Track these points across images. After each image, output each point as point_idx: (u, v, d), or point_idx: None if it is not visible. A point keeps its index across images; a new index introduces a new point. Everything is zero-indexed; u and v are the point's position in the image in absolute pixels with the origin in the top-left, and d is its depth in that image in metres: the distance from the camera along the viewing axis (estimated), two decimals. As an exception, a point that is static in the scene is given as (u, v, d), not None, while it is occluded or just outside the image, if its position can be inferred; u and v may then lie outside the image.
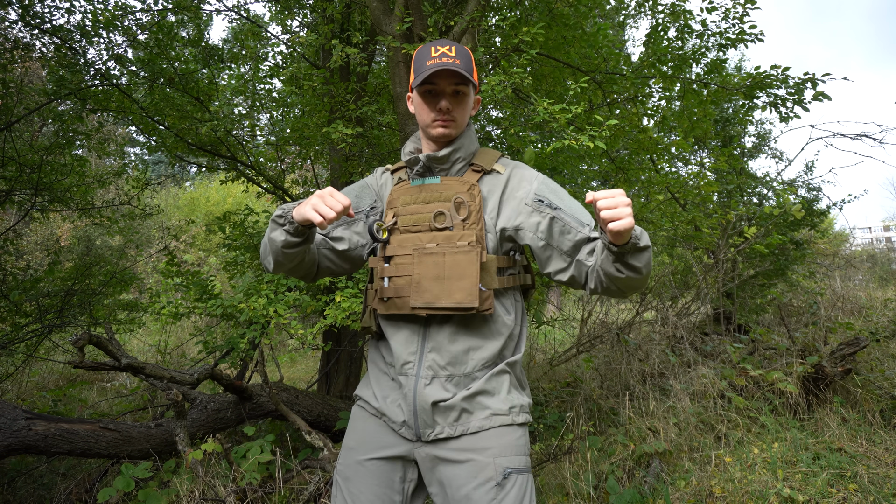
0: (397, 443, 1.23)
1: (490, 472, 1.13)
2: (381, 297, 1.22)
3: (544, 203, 1.22)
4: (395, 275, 1.21)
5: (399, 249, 1.22)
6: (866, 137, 3.85)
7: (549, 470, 2.85)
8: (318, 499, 2.47)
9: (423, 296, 1.16)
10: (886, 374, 3.54)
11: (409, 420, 1.19)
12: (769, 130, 10.14)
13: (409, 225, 1.23)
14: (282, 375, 4.06)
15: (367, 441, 1.25)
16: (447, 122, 1.23)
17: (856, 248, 16.78)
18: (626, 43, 8.97)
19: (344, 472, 1.25)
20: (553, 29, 3.92)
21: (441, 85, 1.20)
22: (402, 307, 1.19)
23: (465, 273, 1.15)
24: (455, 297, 1.14)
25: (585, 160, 5.25)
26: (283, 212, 1.13)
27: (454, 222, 1.20)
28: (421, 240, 1.21)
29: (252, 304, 2.79)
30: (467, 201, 1.20)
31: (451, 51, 1.19)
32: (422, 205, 1.23)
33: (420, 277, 1.17)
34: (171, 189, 17.24)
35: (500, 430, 1.18)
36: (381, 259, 1.25)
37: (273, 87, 5.27)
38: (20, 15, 3.71)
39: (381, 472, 1.21)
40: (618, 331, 4.69)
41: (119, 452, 2.67)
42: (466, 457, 1.15)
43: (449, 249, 1.17)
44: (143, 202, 5.48)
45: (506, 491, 1.12)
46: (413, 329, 1.21)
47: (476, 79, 1.27)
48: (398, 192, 1.28)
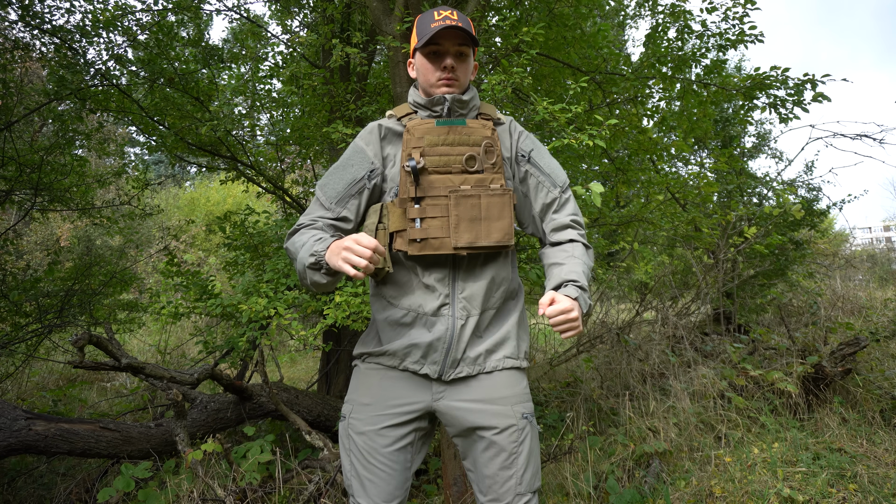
0: (415, 395, 1.27)
1: (511, 418, 1.25)
2: (413, 238, 1.22)
3: (525, 157, 1.35)
4: (428, 216, 1.22)
5: (431, 190, 1.23)
6: (866, 137, 3.85)
7: (549, 470, 2.85)
8: (318, 499, 2.47)
9: (464, 236, 1.21)
10: (886, 374, 3.54)
11: (438, 357, 1.24)
12: (769, 131, 10.15)
13: (439, 166, 1.25)
14: (282, 375, 4.06)
15: (385, 397, 1.28)
16: (451, 81, 1.28)
17: (856, 248, 16.78)
18: (626, 43, 8.97)
19: (358, 426, 1.28)
20: (553, 29, 3.92)
21: (445, 45, 1.26)
22: (439, 248, 1.21)
23: (501, 214, 1.23)
24: (494, 236, 1.22)
25: (585, 160, 5.25)
26: (317, 258, 1.15)
27: (484, 165, 1.26)
28: (453, 181, 1.24)
29: (252, 304, 2.79)
30: (494, 146, 1.28)
31: (453, 14, 1.25)
32: (450, 146, 1.26)
33: (459, 219, 1.21)
34: (171, 189, 17.24)
35: (511, 375, 1.30)
36: (409, 200, 1.23)
37: (273, 87, 5.27)
38: (20, 15, 3.71)
39: (397, 428, 1.26)
40: (618, 331, 4.69)
41: (119, 452, 2.67)
42: (487, 407, 1.25)
43: (484, 192, 1.23)
44: (143, 202, 5.48)
45: (525, 433, 1.27)
46: (442, 273, 1.25)
47: (477, 42, 1.33)
48: (421, 131, 1.27)
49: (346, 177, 1.29)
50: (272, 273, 3.08)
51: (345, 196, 1.29)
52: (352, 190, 1.29)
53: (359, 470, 1.26)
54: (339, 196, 1.29)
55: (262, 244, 3.74)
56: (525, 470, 1.25)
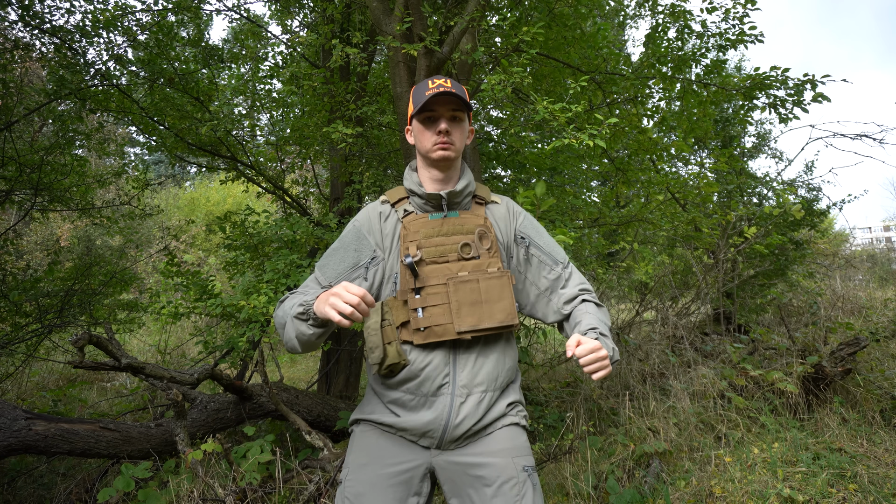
0: (414, 454, 1.27)
1: (512, 471, 1.24)
2: (417, 327, 1.25)
3: (525, 240, 1.39)
4: (429, 304, 1.25)
5: (429, 280, 1.27)
6: (866, 137, 3.85)
7: (549, 470, 2.85)
8: (318, 499, 2.47)
9: (467, 320, 1.24)
10: (886, 374, 3.54)
11: (436, 434, 1.25)
12: (769, 131, 10.15)
13: (436, 256, 1.29)
14: (282, 375, 4.06)
15: (382, 455, 1.28)
16: (446, 145, 1.31)
17: (856, 248, 16.78)
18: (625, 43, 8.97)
19: (356, 488, 1.25)
20: (553, 29, 3.92)
21: (440, 111, 1.31)
22: (442, 334, 1.24)
23: (501, 295, 1.26)
24: (497, 317, 1.25)
25: (585, 160, 5.25)
26: (305, 309, 1.17)
27: (480, 251, 1.30)
28: (451, 269, 1.28)
29: (252, 302, 2.79)
30: (488, 232, 1.33)
31: (446, 82, 1.30)
32: (445, 237, 1.31)
33: (459, 304, 1.24)
34: (171, 189, 17.24)
35: (510, 431, 1.30)
36: (409, 291, 1.27)
37: (273, 87, 5.27)
38: (20, 15, 3.71)
39: (397, 485, 1.25)
40: (618, 331, 4.68)
41: (119, 452, 2.67)
42: (486, 460, 1.25)
43: (482, 276, 1.27)
44: (143, 202, 5.48)
45: (526, 486, 1.25)
46: (443, 353, 1.27)
47: (471, 108, 1.38)
48: (416, 225, 1.32)
49: (348, 260, 1.33)
50: (272, 273, 3.08)
51: (343, 278, 1.31)
52: (353, 274, 1.32)
53: None
54: (337, 276, 1.32)
55: (262, 244, 3.74)
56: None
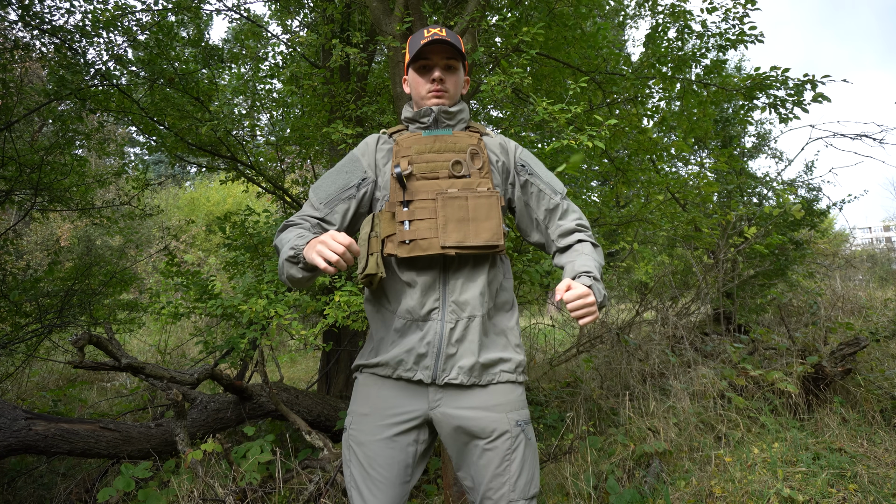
0: (412, 403, 1.29)
1: (505, 425, 1.26)
2: (402, 240, 1.25)
3: (525, 168, 1.40)
4: (416, 218, 1.25)
5: (419, 194, 1.27)
6: (866, 137, 3.85)
7: (549, 470, 2.85)
8: (318, 499, 2.47)
9: (452, 236, 1.23)
10: (886, 374, 3.54)
11: (429, 362, 1.26)
12: (769, 131, 10.15)
13: (426, 172, 1.30)
14: (282, 375, 4.06)
15: (383, 407, 1.30)
16: (440, 92, 1.34)
17: (856, 248, 16.78)
18: (625, 43, 8.97)
19: (358, 437, 1.29)
20: (553, 29, 3.92)
21: (434, 59, 1.34)
22: (427, 248, 1.23)
23: (489, 214, 1.26)
24: (482, 236, 1.24)
25: (585, 160, 5.25)
26: (296, 252, 1.20)
27: (471, 170, 1.31)
28: (440, 185, 1.28)
29: (252, 306, 2.79)
30: (480, 152, 1.33)
31: (441, 31, 1.33)
32: (437, 153, 1.31)
33: (446, 220, 1.24)
34: (171, 189, 17.24)
35: (507, 387, 1.30)
36: (397, 203, 1.28)
37: (273, 87, 5.27)
38: (20, 15, 3.71)
39: (397, 435, 1.28)
40: (618, 331, 4.69)
41: (119, 452, 2.67)
42: (482, 414, 1.26)
43: (471, 194, 1.26)
44: (143, 202, 5.48)
45: (519, 440, 1.27)
46: (432, 276, 1.28)
47: (465, 57, 1.40)
48: (409, 142, 1.34)
49: (339, 182, 1.36)
50: (272, 273, 3.08)
51: (334, 199, 1.35)
52: (342, 195, 1.35)
53: (358, 481, 1.27)
54: (328, 198, 1.35)
55: (262, 244, 3.74)
56: (518, 476, 1.26)
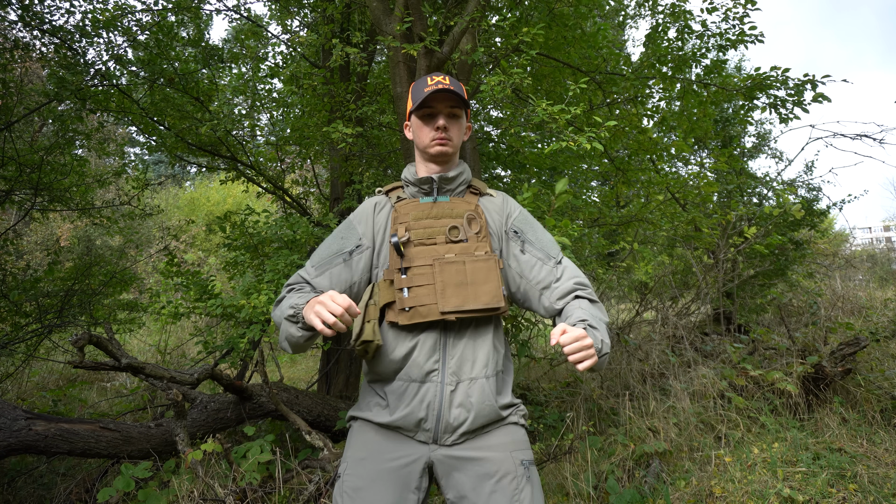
0: (412, 449, 1.26)
1: (510, 465, 1.24)
2: (402, 307, 1.25)
3: (519, 235, 1.39)
4: (414, 285, 1.26)
5: (416, 261, 1.28)
6: (866, 137, 3.85)
7: (549, 470, 2.85)
8: (318, 499, 2.47)
9: (451, 301, 1.23)
10: (886, 374, 3.54)
11: (430, 425, 1.24)
12: (769, 131, 10.15)
13: (424, 238, 1.30)
14: (282, 375, 4.06)
15: (380, 451, 1.27)
16: (444, 141, 1.34)
17: (856, 248, 16.78)
18: (625, 43, 8.97)
19: (355, 482, 1.24)
20: (553, 29, 3.92)
21: (438, 107, 1.34)
22: (427, 315, 1.23)
23: (487, 278, 1.26)
24: (482, 299, 1.24)
25: (585, 160, 5.25)
26: (295, 311, 1.20)
27: (468, 235, 1.31)
28: (438, 251, 1.29)
29: (253, 302, 2.79)
30: (477, 217, 1.34)
31: (445, 79, 1.34)
32: (434, 220, 1.32)
33: (444, 285, 1.24)
34: (171, 189, 17.24)
35: (508, 428, 1.30)
36: (395, 271, 1.28)
37: (273, 87, 5.27)
38: (20, 15, 3.71)
39: (396, 479, 1.24)
40: (618, 331, 4.68)
41: (119, 452, 2.67)
42: (484, 454, 1.24)
43: (468, 258, 1.27)
44: (143, 202, 5.48)
45: (525, 480, 1.24)
46: (433, 338, 1.27)
47: (469, 105, 1.41)
48: (407, 209, 1.35)
49: (333, 247, 1.36)
50: (272, 273, 3.08)
51: (325, 264, 1.34)
52: (334, 260, 1.34)
53: None
54: (320, 263, 1.35)
55: (262, 244, 3.74)
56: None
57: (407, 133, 1.45)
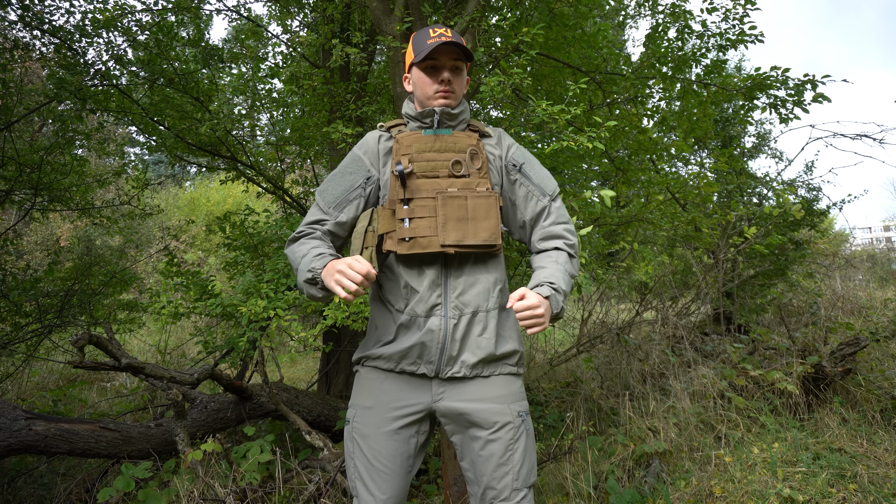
0: (415, 396, 1.32)
1: (508, 416, 1.30)
2: (402, 237, 1.27)
3: (516, 167, 1.42)
4: (416, 216, 1.28)
5: (419, 192, 1.29)
6: (866, 137, 3.85)
7: (549, 470, 2.85)
8: (318, 499, 2.47)
9: (451, 234, 1.26)
10: (886, 374, 3.54)
11: (433, 356, 1.28)
12: (769, 130, 10.14)
13: (427, 171, 1.32)
14: (282, 375, 4.06)
15: (386, 400, 1.32)
16: (447, 93, 1.36)
17: (856, 248, 16.77)
18: (625, 43, 8.97)
19: (362, 429, 1.32)
20: (553, 29, 3.91)
21: (442, 60, 1.35)
22: (427, 246, 1.26)
23: (487, 214, 1.29)
24: (481, 235, 1.27)
25: (585, 160, 5.25)
26: (314, 275, 1.23)
27: (470, 170, 1.33)
28: (440, 184, 1.31)
29: (251, 307, 2.78)
30: (479, 153, 1.35)
31: (447, 32, 1.35)
32: (437, 153, 1.34)
33: (446, 218, 1.27)
34: (171, 189, 17.24)
35: (507, 379, 1.35)
36: (397, 201, 1.29)
37: (273, 87, 5.27)
38: (20, 15, 3.71)
39: (400, 428, 1.31)
40: (618, 331, 4.69)
41: (119, 452, 2.67)
42: (485, 406, 1.30)
43: (470, 193, 1.29)
44: (143, 202, 5.48)
45: (521, 430, 1.31)
46: (435, 271, 1.30)
47: (472, 58, 1.41)
48: (409, 140, 1.36)
49: (344, 183, 1.37)
50: (272, 273, 3.08)
51: (342, 201, 1.36)
52: (350, 195, 1.36)
53: (362, 473, 1.30)
54: (336, 201, 1.36)
55: (262, 244, 3.74)
56: (521, 465, 1.30)
57: (406, 85, 1.46)
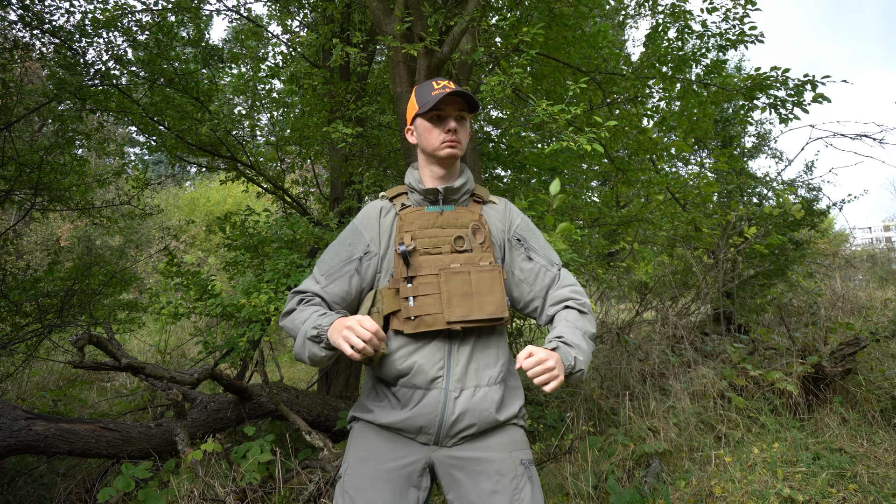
0: (412, 450, 1.28)
1: (510, 464, 1.27)
2: (407, 316, 1.26)
3: (522, 244, 1.42)
4: (420, 294, 1.27)
5: (422, 269, 1.29)
6: (866, 137, 3.85)
7: (549, 470, 2.85)
8: (318, 499, 2.47)
9: (457, 311, 1.25)
10: (886, 374, 3.54)
11: (432, 430, 1.26)
12: (769, 131, 10.15)
13: (429, 247, 1.32)
14: (282, 375, 4.06)
15: (381, 451, 1.29)
16: (454, 143, 1.35)
17: (856, 248, 16.77)
18: (625, 43, 8.97)
19: (356, 482, 1.26)
20: (553, 29, 3.92)
21: (448, 110, 1.35)
22: (432, 324, 1.25)
23: (492, 288, 1.28)
24: (487, 309, 1.26)
25: (585, 160, 5.25)
26: (319, 332, 1.20)
27: (473, 245, 1.33)
28: (443, 261, 1.30)
29: (253, 301, 2.79)
30: (482, 227, 1.36)
31: (450, 84, 1.36)
32: (440, 229, 1.34)
33: (450, 295, 1.26)
34: (171, 189, 17.24)
35: (508, 430, 1.33)
36: (401, 280, 1.28)
37: (273, 87, 5.27)
38: (20, 15, 3.71)
39: (397, 479, 1.25)
40: (618, 331, 4.69)
41: (119, 452, 2.67)
42: (484, 454, 1.27)
43: (473, 268, 1.29)
44: (142, 202, 5.48)
45: (525, 479, 1.27)
46: (438, 346, 1.28)
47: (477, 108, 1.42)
48: (412, 217, 1.36)
49: (342, 254, 1.36)
50: (272, 273, 3.08)
51: (335, 272, 1.35)
52: (344, 268, 1.35)
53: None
54: (330, 271, 1.35)
55: (262, 244, 3.74)
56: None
57: (409, 137, 1.44)
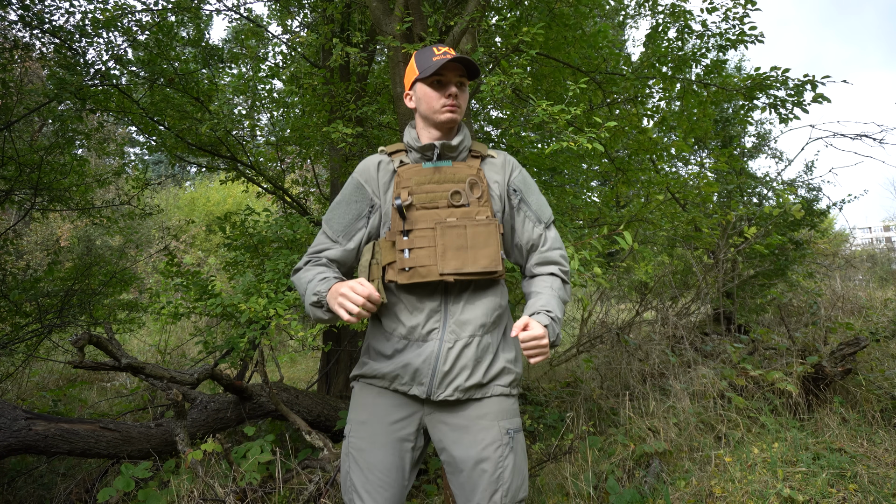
0: (409, 412, 1.36)
1: (496, 434, 1.32)
2: (402, 267, 1.30)
3: (517, 193, 1.45)
4: (415, 246, 1.30)
5: (418, 223, 1.33)
6: (866, 137, 3.85)
7: (549, 470, 2.85)
8: (318, 499, 2.47)
9: (450, 263, 1.29)
10: (886, 374, 3.54)
11: (425, 378, 1.31)
12: (769, 130, 10.14)
13: (426, 202, 1.35)
14: (282, 375, 4.06)
15: (380, 414, 1.36)
16: (454, 108, 1.38)
17: (856, 248, 16.77)
18: (625, 43, 8.97)
19: (358, 443, 1.35)
20: (553, 29, 3.92)
21: (448, 76, 1.38)
22: (426, 275, 1.29)
23: (487, 242, 1.32)
24: (480, 262, 1.30)
25: (585, 160, 5.25)
26: (319, 298, 1.27)
27: (470, 200, 1.36)
28: (440, 215, 1.34)
29: (252, 305, 2.79)
30: (479, 182, 1.38)
31: (451, 50, 1.40)
32: (437, 184, 1.37)
33: (445, 248, 1.30)
34: (171, 189, 17.23)
35: (499, 399, 1.37)
36: (398, 233, 1.33)
37: (273, 87, 5.27)
38: (20, 15, 3.71)
39: (395, 440, 1.34)
40: (618, 331, 4.69)
41: (119, 452, 2.67)
42: (472, 423, 1.32)
43: (469, 222, 1.32)
44: (142, 202, 5.48)
45: (510, 448, 1.32)
46: (434, 299, 1.33)
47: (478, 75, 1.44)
48: (410, 173, 1.39)
49: (352, 211, 1.41)
50: (272, 273, 3.08)
51: (350, 229, 1.41)
52: (358, 224, 1.41)
53: (358, 486, 1.33)
54: (345, 229, 1.41)
55: (262, 244, 3.74)
56: (510, 483, 1.31)
57: (408, 102, 1.48)
